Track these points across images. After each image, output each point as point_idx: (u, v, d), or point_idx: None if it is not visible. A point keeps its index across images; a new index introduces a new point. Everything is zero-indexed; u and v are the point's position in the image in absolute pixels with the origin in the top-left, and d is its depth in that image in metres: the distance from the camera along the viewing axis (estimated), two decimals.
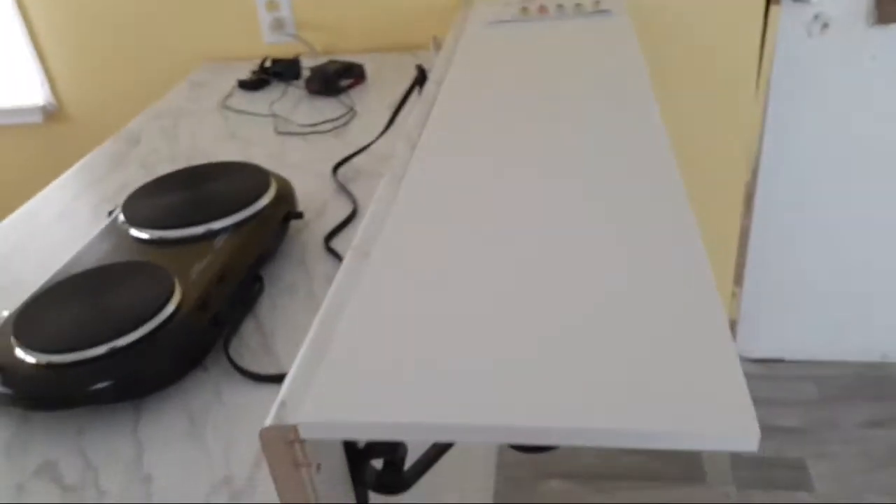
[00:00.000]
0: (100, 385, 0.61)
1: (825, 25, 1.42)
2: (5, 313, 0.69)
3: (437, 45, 1.45)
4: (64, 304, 0.67)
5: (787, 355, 1.80)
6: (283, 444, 0.48)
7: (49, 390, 0.61)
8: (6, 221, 0.98)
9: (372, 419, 0.46)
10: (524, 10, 1.28)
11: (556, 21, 1.21)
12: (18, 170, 1.71)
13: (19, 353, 0.63)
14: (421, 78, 1.08)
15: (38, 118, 1.62)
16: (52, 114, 1.63)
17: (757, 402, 1.71)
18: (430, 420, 0.46)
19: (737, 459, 1.57)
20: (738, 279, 1.68)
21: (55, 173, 1.49)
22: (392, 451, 0.56)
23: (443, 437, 0.46)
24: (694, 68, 1.42)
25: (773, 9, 1.38)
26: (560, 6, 1.27)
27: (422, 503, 0.82)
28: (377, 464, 0.58)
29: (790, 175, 1.57)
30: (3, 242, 0.92)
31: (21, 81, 1.61)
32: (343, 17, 1.46)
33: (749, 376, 1.77)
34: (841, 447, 1.57)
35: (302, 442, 0.48)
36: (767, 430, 1.63)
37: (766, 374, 1.78)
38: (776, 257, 1.67)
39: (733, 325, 1.74)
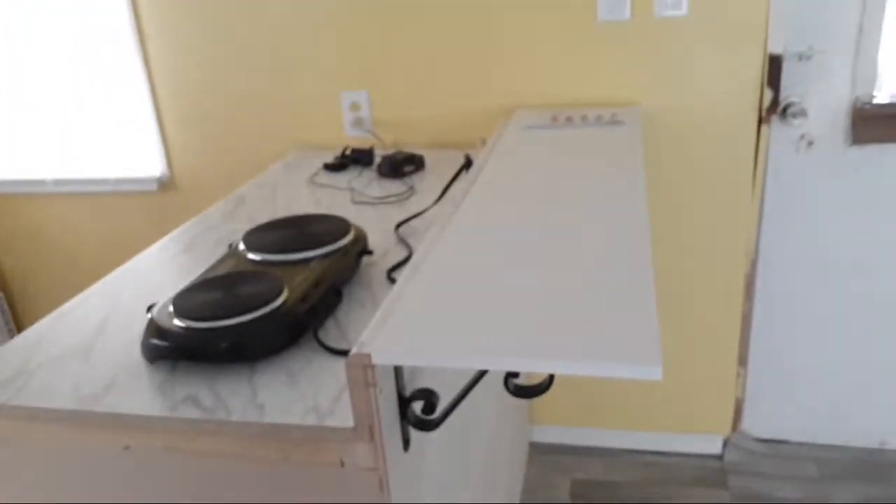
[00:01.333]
0: (226, 345, 0.87)
1: (810, 143, 1.70)
2: (154, 306, 0.98)
3: (483, 144, 1.77)
4: (206, 292, 0.95)
5: (791, 437, 1.95)
6: (360, 368, 0.73)
7: (191, 346, 0.88)
8: (143, 253, 1.29)
9: (414, 352, 0.72)
10: (554, 119, 1.59)
11: (579, 128, 1.52)
12: (134, 230, 2.07)
13: (175, 321, 0.90)
14: (468, 164, 1.38)
15: (153, 187, 1.98)
16: (165, 184, 2.00)
17: (759, 476, 1.85)
18: (451, 355, 0.71)
19: None
20: (743, 360, 1.88)
21: (165, 234, 1.83)
22: (428, 396, 0.80)
23: (459, 365, 0.71)
24: (698, 174, 1.70)
25: (764, 128, 1.66)
26: (584, 117, 1.59)
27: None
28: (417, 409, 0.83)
29: (786, 268, 1.80)
30: (145, 263, 1.23)
31: (143, 155, 1.99)
32: (410, 118, 1.81)
33: (753, 454, 1.92)
34: None
35: (373, 367, 0.73)
36: (767, 501, 1.77)
37: (769, 453, 1.92)
38: (777, 343, 1.87)
39: (739, 404, 1.92)
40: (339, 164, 1.68)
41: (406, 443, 0.85)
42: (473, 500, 1.27)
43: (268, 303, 0.91)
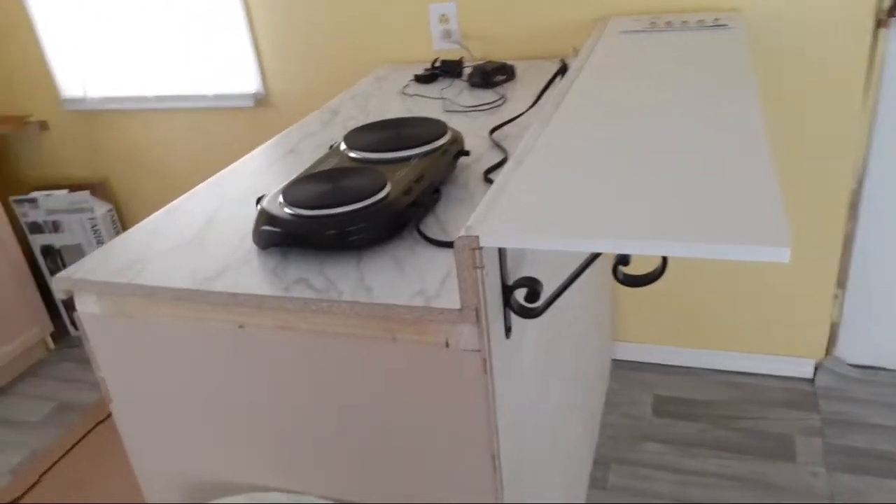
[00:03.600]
0: (335, 232, 0.90)
1: None
2: (263, 198, 1.02)
3: (576, 54, 1.72)
4: (314, 184, 0.98)
5: (889, 364, 1.88)
6: (468, 250, 0.75)
7: (301, 232, 0.91)
8: (246, 157, 1.33)
9: (522, 235, 0.72)
10: (652, 23, 1.53)
11: (680, 32, 1.45)
12: (231, 146, 2.14)
13: (286, 209, 0.94)
14: (563, 69, 1.35)
15: (249, 103, 2.04)
16: (260, 100, 2.04)
17: (853, 401, 1.81)
18: (561, 238, 0.71)
19: (829, 446, 1.68)
20: (841, 283, 1.80)
21: None
22: (532, 284, 0.81)
23: (570, 247, 0.71)
24: (803, 82, 1.61)
25: (882, 32, 1.54)
26: (684, 21, 1.51)
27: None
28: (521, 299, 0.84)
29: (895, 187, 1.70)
30: (248, 165, 1.28)
31: (239, 72, 2.04)
32: (499, 29, 1.77)
33: (847, 379, 1.87)
34: None
35: (480, 249, 0.74)
36: (861, 426, 1.73)
37: (864, 379, 1.87)
38: (881, 265, 1.78)
39: (834, 328, 1.86)
40: (430, 76, 1.67)
41: (508, 330, 0.87)
42: (562, 401, 1.30)
43: (373, 194, 0.93)
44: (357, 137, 1.14)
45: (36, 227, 2.37)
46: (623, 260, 0.77)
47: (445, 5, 1.79)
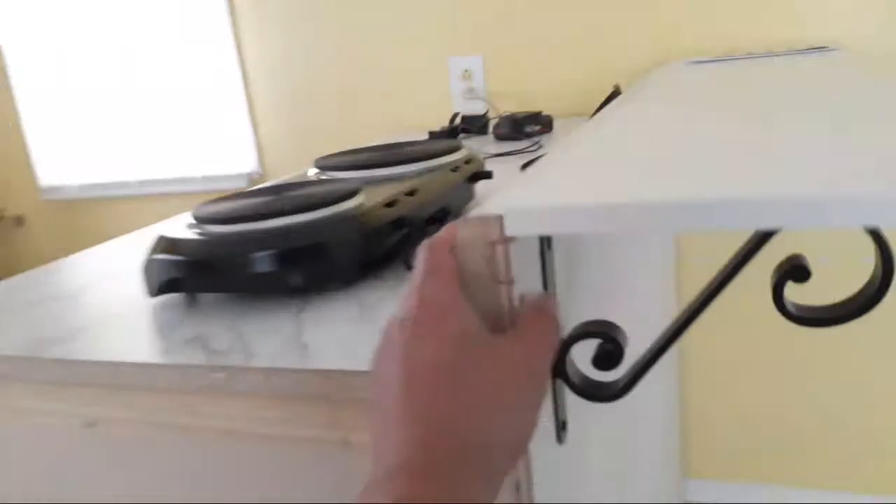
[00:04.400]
0: (259, 255, 0.54)
1: None
2: None
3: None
4: (248, 199, 0.63)
5: None
6: (484, 244, 0.37)
7: (209, 260, 0.55)
8: None
9: (579, 201, 0.35)
10: (728, 53, 1.21)
11: (765, 58, 1.13)
12: None
13: (194, 229, 0.58)
14: (616, 94, 1.03)
15: (243, 184, 1.75)
16: (256, 180, 1.75)
17: None
18: (644, 198, 0.33)
19: None
20: None
21: None
22: (607, 331, 0.42)
23: (727, 220, 0.33)
24: None
25: None
26: (769, 49, 1.20)
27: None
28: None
29: None
30: None
31: (232, 149, 1.76)
32: (533, 84, 1.48)
33: None
34: None
35: (507, 242, 0.37)
36: None
37: None
38: None
39: None
40: (448, 132, 1.36)
41: (561, 427, 0.46)
42: None
43: (334, 203, 0.58)
44: (334, 158, 0.80)
45: None
46: (799, 273, 0.37)
47: (469, 59, 1.52)
